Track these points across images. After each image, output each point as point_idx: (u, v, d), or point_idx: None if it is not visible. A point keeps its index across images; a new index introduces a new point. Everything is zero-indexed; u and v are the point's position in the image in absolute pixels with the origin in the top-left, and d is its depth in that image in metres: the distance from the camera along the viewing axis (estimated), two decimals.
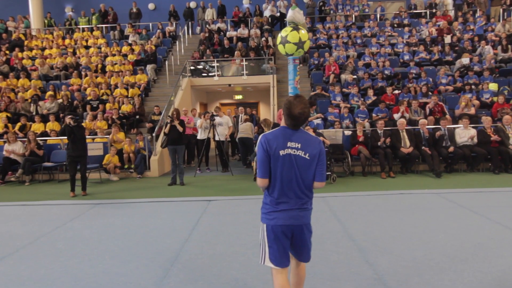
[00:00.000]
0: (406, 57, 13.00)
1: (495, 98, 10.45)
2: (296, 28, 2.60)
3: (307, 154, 2.34)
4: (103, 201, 6.72)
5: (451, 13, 16.38)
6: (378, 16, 16.65)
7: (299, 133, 2.38)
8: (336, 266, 3.54)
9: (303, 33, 2.60)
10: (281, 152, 2.33)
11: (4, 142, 9.49)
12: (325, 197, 6.37)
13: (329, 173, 7.77)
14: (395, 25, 15.65)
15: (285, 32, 2.64)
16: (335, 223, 4.89)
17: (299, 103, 2.29)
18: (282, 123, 2.46)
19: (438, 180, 7.69)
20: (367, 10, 17.16)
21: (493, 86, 11.07)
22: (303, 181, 2.36)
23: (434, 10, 16.50)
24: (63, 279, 3.47)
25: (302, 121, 2.34)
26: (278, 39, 2.67)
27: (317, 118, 9.90)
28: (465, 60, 12.12)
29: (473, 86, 11.23)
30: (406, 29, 14.83)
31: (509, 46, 12.97)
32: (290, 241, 2.41)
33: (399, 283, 3.16)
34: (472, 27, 14.72)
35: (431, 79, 11.67)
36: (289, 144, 2.34)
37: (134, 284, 3.31)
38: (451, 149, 8.44)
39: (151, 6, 19.77)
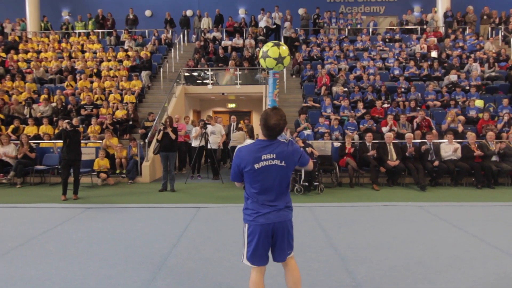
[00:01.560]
0: (396, 72, 13.32)
1: (480, 115, 10.78)
2: (277, 44, 2.80)
3: (283, 162, 2.51)
4: (94, 205, 6.82)
5: (442, 30, 16.81)
6: (370, 31, 17.04)
7: (274, 145, 2.53)
8: (317, 274, 3.70)
9: (284, 49, 2.78)
10: (256, 166, 2.49)
11: None
12: (311, 207, 6.55)
13: (317, 183, 7.95)
14: (387, 40, 16.04)
15: (267, 47, 2.83)
16: (318, 232, 5.06)
17: (275, 115, 2.46)
18: (260, 135, 2.63)
19: (422, 193, 7.92)
20: (360, 24, 17.55)
21: (479, 103, 11.40)
22: (281, 186, 2.55)
23: (425, 27, 16.92)
24: (53, 279, 3.58)
25: (277, 132, 2.50)
26: (260, 53, 2.85)
27: (305, 128, 10.08)
28: (453, 76, 12.47)
29: (460, 102, 11.57)
30: (397, 44, 15.18)
31: (496, 64, 13.39)
32: (271, 240, 2.56)
33: None
34: (461, 44, 15.15)
35: (419, 94, 11.98)
36: (263, 157, 2.49)
37: (122, 286, 3.43)
38: (436, 163, 8.69)
39: (147, 12, 19.99)
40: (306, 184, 7.84)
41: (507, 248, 4.38)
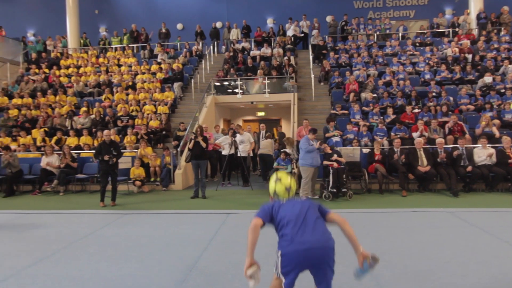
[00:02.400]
0: (427, 76, 13.10)
1: None
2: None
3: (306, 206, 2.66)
4: (130, 211, 7.20)
5: (475, 32, 16.37)
6: (400, 35, 16.85)
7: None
8: (341, 276, 3.78)
9: (293, 182, 2.81)
10: (281, 203, 2.70)
11: (42, 154, 10.25)
12: (340, 213, 6.58)
13: (345, 189, 7.99)
14: (417, 44, 15.80)
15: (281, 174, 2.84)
16: (345, 238, 5.13)
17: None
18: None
19: (454, 199, 7.77)
20: (389, 29, 17.39)
21: None
22: (313, 212, 2.67)
23: (457, 29, 16.54)
24: (94, 279, 3.88)
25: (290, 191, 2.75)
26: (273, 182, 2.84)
27: (335, 136, 10.13)
28: (487, 79, 12.13)
29: (495, 106, 11.23)
30: (428, 48, 14.93)
31: None
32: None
33: None
34: (496, 45, 14.69)
35: (451, 98, 11.73)
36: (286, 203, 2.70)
37: (156, 286, 3.68)
38: (469, 168, 8.50)
39: (179, 26, 20.73)
40: (335, 190, 7.90)
41: None
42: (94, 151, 8.27)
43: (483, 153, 8.70)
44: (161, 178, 9.83)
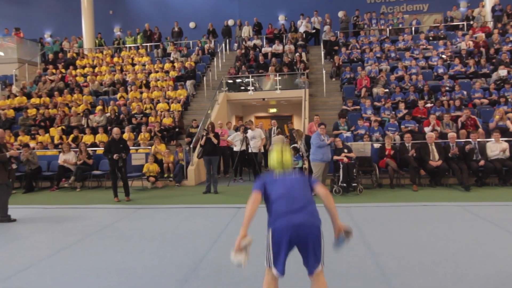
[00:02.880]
0: (440, 70, 12.95)
1: None
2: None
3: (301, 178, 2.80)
4: (144, 206, 7.41)
5: (490, 25, 16.08)
6: (413, 29, 16.66)
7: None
8: (348, 266, 3.89)
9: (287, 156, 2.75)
10: (275, 178, 2.78)
11: (59, 152, 10.56)
12: (348, 207, 6.67)
13: (355, 184, 8.03)
14: (430, 38, 15.61)
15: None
16: (354, 230, 5.19)
17: (283, 157, 2.83)
18: None
19: (466, 194, 7.73)
20: (402, 23, 17.22)
21: None
22: (305, 191, 2.73)
23: (471, 22, 16.28)
24: (110, 269, 4.06)
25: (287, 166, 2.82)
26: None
27: (345, 131, 10.16)
28: (502, 72, 11.94)
29: (509, 99, 11.06)
30: (441, 42, 14.74)
31: None
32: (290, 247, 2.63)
33: (402, 283, 3.46)
34: (511, 38, 14.41)
35: (465, 92, 11.60)
36: (280, 177, 2.79)
37: (168, 275, 3.83)
38: (482, 162, 8.43)
39: (191, 24, 20.93)
40: (345, 185, 7.95)
41: None
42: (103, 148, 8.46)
43: (496, 147, 8.61)
44: (174, 174, 10.03)
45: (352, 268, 3.85)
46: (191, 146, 10.26)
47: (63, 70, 16.66)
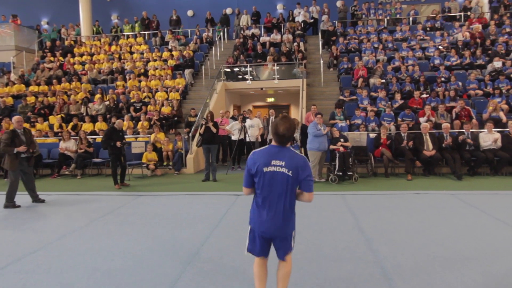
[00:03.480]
0: (437, 61, 13.10)
1: None
2: None
3: (290, 172, 2.62)
4: (144, 193, 7.58)
5: (487, 16, 16.18)
6: (410, 20, 16.73)
7: (284, 151, 2.68)
8: (342, 251, 4.09)
9: None
10: (265, 169, 2.64)
11: (60, 140, 10.68)
12: (343, 195, 6.89)
13: (351, 173, 8.24)
14: (428, 29, 15.71)
15: None
16: (348, 217, 5.42)
17: (284, 124, 2.64)
18: (273, 141, 2.78)
19: (458, 183, 7.96)
20: (399, 14, 17.27)
21: None
22: (285, 196, 2.65)
23: (468, 13, 16.36)
24: (114, 252, 4.24)
25: (286, 139, 2.67)
26: None
27: (340, 119, 10.37)
28: (497, 63, 12.11)
29: (504, 91, 11.25)
30: (438, 33, 14.85)
31: None
32: (270, 242, 2.81)
33: (394, 266, 3.67)
34: (508, 29, 14.55)
35: (460, 83, 11.77)
36: (273, 162, 2.64)
37: (172, 257, 4.02)
38: (469, 140, 8.67)
39: (189, 13, 20.87)
40: (340, 173, 8.15)
41: None
42: (103, 137, 8.59)
43: (488, 138, 8.83)
44: (173, 162, 10.20)
45: (346, 253, 4.05)
46: (190, 134, 10.41)
47: (61, 58, 16.65)
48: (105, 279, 3.50)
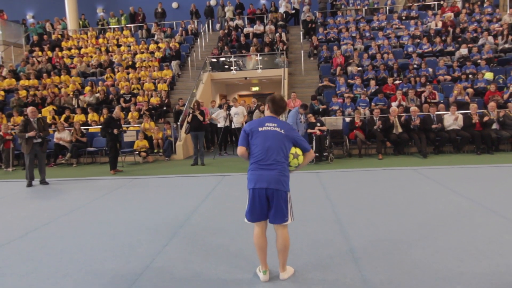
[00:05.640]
0: (410, 49, 13.90)
1: (488, 87, 11.35)
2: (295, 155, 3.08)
3: (282, 130, 3.03)
4: (138, 177, 8.27)
5: (460, 5, 17.02)
6: (387, 9, 17.50)
7: (276, 119, 3.11)
8: (309, 214, 4.87)
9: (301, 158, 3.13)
10: (260, 129, 3.03)
11: (54, 131, 11.24)
12: (318, 173, 7.68)
13: (326, 153, 9.03)
14: (403, 18, 16.49)
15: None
16: (320, 189, 6.22)
17: (281, 98, 3.18)
18: (267, 113, 3.18)
19: (423, 160, 8.82)
20: (377, 3, 18.00)
21: (488, 75, 11.93)
22: (279, 150, 2.97)
23: (442, 2, 17.18)
24: (116, 221, 4.95)
25: (282, 108, 3.12)
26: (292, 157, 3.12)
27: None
28: (463, 51, 12.98)
29: (470, 76, 12.13)
30: (413, 21, 15.64)
31: (510, 36, 13.67)
32: (268, 202, 2.99)
33: (349, 222, 4.46)
34: (477, 17, 15.41)
35: (430, 70, 12.61)
36: (267, 124, 3.05)
37: (167, 225, 4.74)
38: (437, 125, 9.53)
39: (174, 5, 21.29)
40: (317, 154, 8.94)
41: (480, 199, 5.36)
42: (101, 125, 9.24)
43: (451, 119, 9.69)
44: (163, 149, 10.87)
45: (312, 215, 4.83)
46: (179, 123, 11.07)
47: (49, 52, 17.01)
48: (111, 241, 4.21)
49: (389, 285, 2.93)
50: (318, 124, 9.28)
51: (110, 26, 19.24)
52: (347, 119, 10.53)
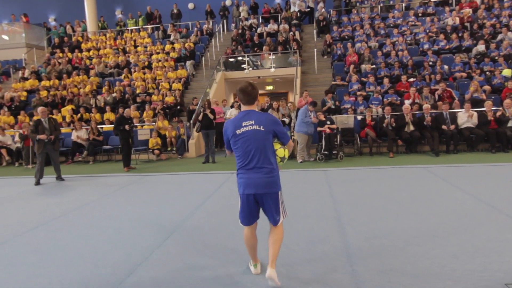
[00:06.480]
0: (426, 46, 13.68)
1: (506, 83, 11.06)
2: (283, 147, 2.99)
3: (262, 127, 2.85)
4: (151, 174, 8.48)
5: (478, 0, 16.60)
6: (403, 6, 17.24)
7: (252, 112, 2.91)
8: (312, 210, 4.92)
9: (286, 152, 3.02)
10: (237, 132, 2.86)
11: (72, 129, 11.61)
12: (326, 171, 7.69)
13: (335, 151, 9.02)
14: (420, 14, 16.22)
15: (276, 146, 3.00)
16: (324, 186, 6.24)
17: (250, 84, 2.96)
18: (242, 107, 3.01)
19: (435, 158, 8.70)
20: (393, 0, 17.77)
21: (506, 72, 11.64)
22: (262, 150, 2.85)
23: None
24: (123, 216, 5.12)
25: (252, 97, 2.92)
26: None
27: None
28: (480, 47, 12.67)
29: (487, 72, 11.86)
30: (429, 18, 15.37)
31: None
32: (259, 206, 2.96)
33: (349, 220, 4.48)
34: (496, 13, 15.02)
35: (446, 67, 12.37)
36: (244, 123, 2.87)
37: (169, 221, 4.87)
38: (452, 127, 9.34)
39: (190, 5, 21.56)
40: (327, 153, 8.94)
41: (486, 198, 5.29)
42: (114, 124, 9.51)
43: (465, 117, 9.50)
44: (176, 147, 11.08)
45: (314, 211, 4.88)
46: (191, 122, 11.25)
47: (69, 54, 17.53)
48: (117, 234, 4.37)
49: (377, 280, 2.96)
50: (328, 122, 9.28)
51: (128, 28, 19.66)
52: (359, 117, 10.47)
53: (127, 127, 8.95)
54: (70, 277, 3.27)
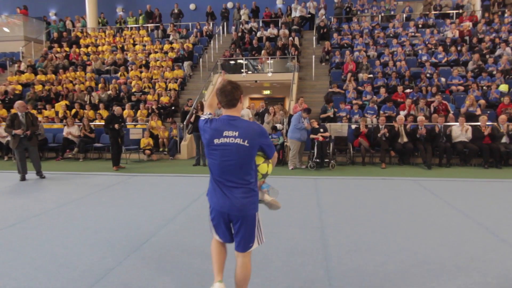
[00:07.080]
0: (424, 58, 13.66)
1: (502, 99, 11.03)
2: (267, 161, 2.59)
3: (246, 141, 2.37)
4: (139, 174, 8.37)
5: (479, 14, 16.63)
6: (404, 17, 17.25)
7: (237, 121, 2.43)
8: (294, 216, 4.83)
9: (270, 167, 2.63)
10: (216, 141, 2.39)
11: (64, 125, 11.49)
12: (316, 179, 7.61)
13: (327, 160, 8.94)
14: (420, 26, 16.22)
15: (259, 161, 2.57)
16: (312, 195, 6.15)
17: (230, 83, 2.49)
18: (223, 111, 2.55)
19: (426, 171, 8.63)
20: (393, 10, 17.77)
21: (503, 87, 11.61)
22: (241, 167, 2.40)
23: (460, 11, 16.83)
24: (104, 216, 5.01)
25: (233, 98, 2.44)
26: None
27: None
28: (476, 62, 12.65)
29: (484, 87, 11.83)
30: (428, 30, 15.37)
31: None
32: (231, 225, 2.51)
33: (333, 232, 4.40)
34: (495, 27, 15.03)
35: (443, 79, 12.34)
36: (225, 133, 2.39)
37: (167, 211, 4.78)
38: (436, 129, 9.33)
39: (192, 6, 21.51)
40: (318, 160, 8.86)
41: (475, 215, 5.22)
42: (104, 123, 9.39)
43: (459, 130, 9.45)
44: (168, 148, 10.98)
45: (298, 221, 4.79)
46: (184, 123, 11.16)
47: (67, 49, 17.44)
48: (94, 235, 4.27)
49: None
50: (321, 130, 9.20)
51: (127, 26, 19.59)
52: (353, 126, 10.41)
53: (116, 126, 8.83)
54: (38, 278, 3.17)
